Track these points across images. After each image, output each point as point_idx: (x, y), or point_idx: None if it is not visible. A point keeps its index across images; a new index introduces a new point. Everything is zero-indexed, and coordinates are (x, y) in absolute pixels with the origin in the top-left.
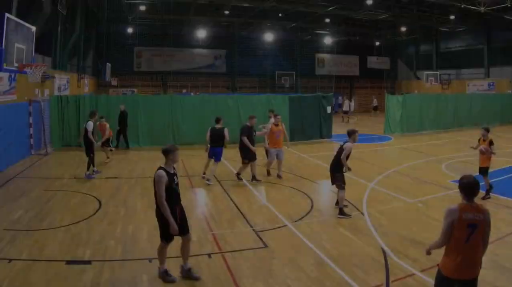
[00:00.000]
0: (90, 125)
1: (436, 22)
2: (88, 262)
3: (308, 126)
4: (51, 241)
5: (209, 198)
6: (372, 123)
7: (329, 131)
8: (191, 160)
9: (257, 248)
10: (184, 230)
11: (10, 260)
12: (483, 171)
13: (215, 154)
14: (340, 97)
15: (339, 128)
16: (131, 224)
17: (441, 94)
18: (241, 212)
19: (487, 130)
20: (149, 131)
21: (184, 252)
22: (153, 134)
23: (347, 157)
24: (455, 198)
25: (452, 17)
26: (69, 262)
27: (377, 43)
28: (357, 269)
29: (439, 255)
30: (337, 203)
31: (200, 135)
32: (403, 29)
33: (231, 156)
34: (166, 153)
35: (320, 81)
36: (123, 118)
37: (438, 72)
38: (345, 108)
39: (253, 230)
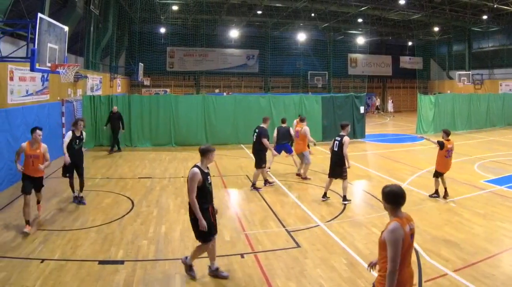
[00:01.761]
0: (68, 136)
1: (468, 22)
2: (121, 262)
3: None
4: (84, 241)
5: (242, 198)
6: (404, 123)
7: (362, 131)
8: (224, 160)
9: (290, 248)
10: (215, 229)
11: (43, 260)
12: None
13: (285, 149)
14: (374, 97)
15: (369, 128)
16: (164, 224)
17: (473, 94)
18: (273, 212)
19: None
20: (182, 131)
21: (212, 251)
22: (186, 135)
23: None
24: (488, 198)
25: (484, 17)
26: (101, 262)
27: (410, 43)
28: None
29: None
30: (324, 196)
31: (233, 135)
32: (436, 29)
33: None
34: (204, 152)
35: (353, 81)
36: (115, 120)
37: (470, 72)
38: None
39: (286, 230)
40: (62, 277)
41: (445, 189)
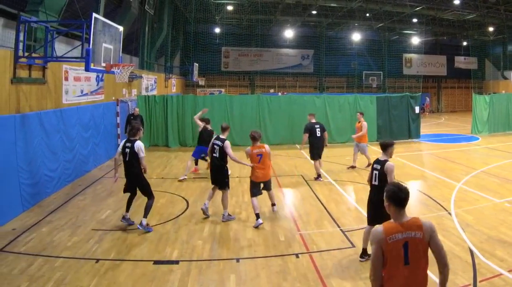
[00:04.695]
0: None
1: None
2: (176, 262)
3: (396, 127)
4: (139, 241)
5: (297, 198)
6: (459, 123)
7: (417, 131)
8: (279, 160)
9: (345, 248)
10: None
11: (98, 260)
12: None
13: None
14: (427, 98)
15: (424, 128)
16: (219, 224)
17: None
18: (328, 212)
19: None
20: (237, 131)
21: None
22: (241, 135)
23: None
24: None
25: None
26: (156, 262)
27: (465, 43)
28: None
29: None
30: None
31: (288, 135)
32: (491, 29)
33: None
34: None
35: (408, 81)
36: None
37: None
38: None
39: (341, 230)
40: (116, 277)
41: None
